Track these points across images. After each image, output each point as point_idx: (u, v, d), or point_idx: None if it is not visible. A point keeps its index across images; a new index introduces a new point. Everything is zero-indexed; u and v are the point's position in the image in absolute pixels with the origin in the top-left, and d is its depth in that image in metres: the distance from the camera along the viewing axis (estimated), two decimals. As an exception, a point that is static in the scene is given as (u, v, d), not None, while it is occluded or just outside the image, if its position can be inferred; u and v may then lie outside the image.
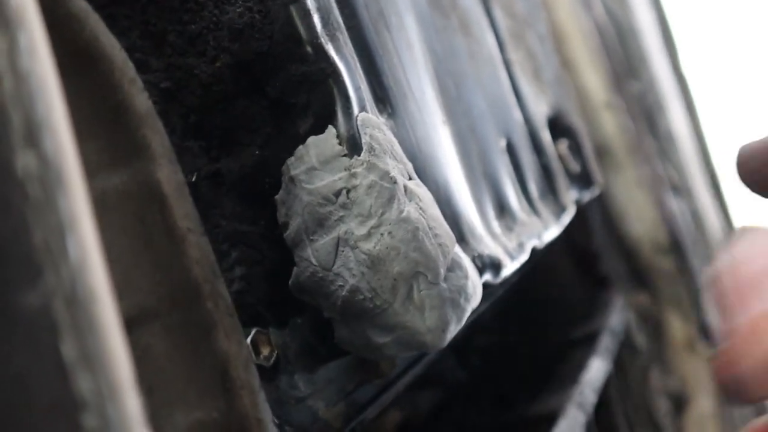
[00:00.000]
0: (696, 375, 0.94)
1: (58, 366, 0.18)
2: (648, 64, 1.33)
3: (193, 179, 0.38)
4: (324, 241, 0.35)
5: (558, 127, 0.69)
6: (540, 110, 0.66)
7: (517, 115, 0.60)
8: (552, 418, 0.61)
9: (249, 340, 0.37)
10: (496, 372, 0.76)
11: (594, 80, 0.94)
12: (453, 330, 0.38)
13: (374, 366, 0.44)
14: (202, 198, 0.38)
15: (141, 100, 0.28)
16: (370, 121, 0.36)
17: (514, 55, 0.63)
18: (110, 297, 0.19)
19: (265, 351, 0.38)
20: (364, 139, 0.35)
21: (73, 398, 0.18)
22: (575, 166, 0.69)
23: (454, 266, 0.39)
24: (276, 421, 0.38)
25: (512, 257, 0.49)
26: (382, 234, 0.35)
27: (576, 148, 0.71)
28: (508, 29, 0.63)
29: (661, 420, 0.84)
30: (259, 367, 0.38)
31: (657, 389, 0.87)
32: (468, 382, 0.67)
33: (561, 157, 0.67)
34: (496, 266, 0.45)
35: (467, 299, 0.39)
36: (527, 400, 0.65)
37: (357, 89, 0.36)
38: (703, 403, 0.92)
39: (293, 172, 0.36)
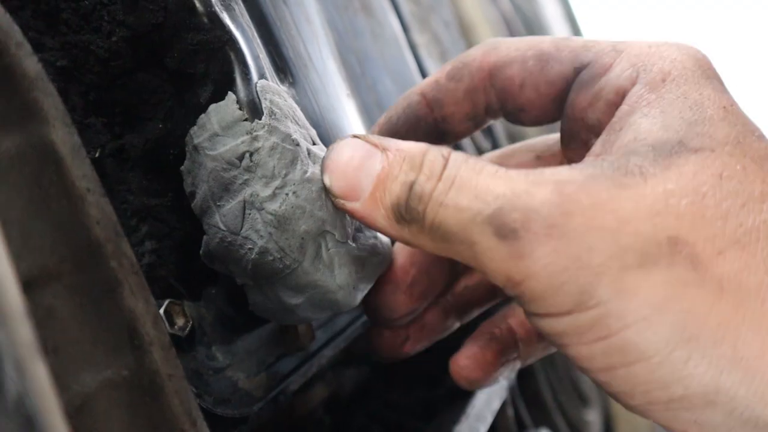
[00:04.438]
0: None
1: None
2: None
3: (97, 155, 0.38)
4: (230, 206, 0.36)
5: (467, 108, 0.71)
6: (448, 92, 0.68)
7: (425, 94, 0.61)
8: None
9: (162, 311, 0.37)
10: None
11: (503, 68, 0.97)
12: (364, 288, 0.39)
13: (293, 338, 0.44)
14: (108, 174, 0.38)
15: (29, 63, 0.28)
16: (269, 87, 0.37)
17: (420, 38, 0.65)
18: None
19: (180, 321, 0.38)
20: (265, 104, 0.36)
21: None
22: (486, 145, 0.71)
23: (362, 227, 0.40)
24: (195, 390, 0.38)
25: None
26: (287, 194, 0.35)
27: (487, 128, 0.73)
28: (412, 13, 0.65)
29: (586, 389, 0.87)
30: (175, 338, 0.38)
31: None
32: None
33: (471, 136, 0.68)
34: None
35: (377, 258, 0.40)
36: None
37: (255, 57, 0.37)
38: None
39: (196, 141, 0.36)
